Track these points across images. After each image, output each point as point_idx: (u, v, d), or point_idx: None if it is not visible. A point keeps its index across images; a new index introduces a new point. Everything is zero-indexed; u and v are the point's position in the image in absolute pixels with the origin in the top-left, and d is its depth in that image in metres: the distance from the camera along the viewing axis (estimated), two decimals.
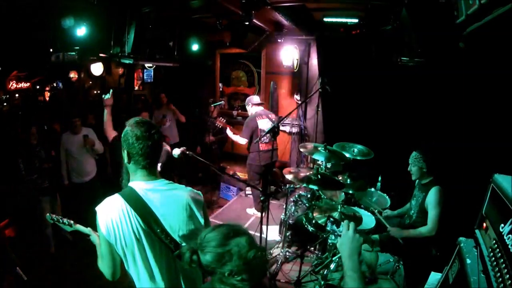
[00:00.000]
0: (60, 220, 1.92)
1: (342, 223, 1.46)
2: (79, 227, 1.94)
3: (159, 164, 1.61)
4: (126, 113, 4.76)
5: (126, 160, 1.48)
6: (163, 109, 5.47)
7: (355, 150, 3.50)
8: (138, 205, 1.43)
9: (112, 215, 1.41)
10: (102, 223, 1.41)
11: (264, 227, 3.38)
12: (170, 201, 1.48)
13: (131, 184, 1.49)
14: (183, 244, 1.47)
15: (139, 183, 1.48)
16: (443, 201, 2.74)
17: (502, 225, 1.27)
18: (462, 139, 3.43)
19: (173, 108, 5.48)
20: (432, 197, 2.75)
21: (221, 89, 6.80)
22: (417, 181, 3.04)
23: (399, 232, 2.86)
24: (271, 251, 3.69)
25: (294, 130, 5.80)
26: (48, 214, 1.97)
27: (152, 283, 1.51)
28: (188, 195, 1.52)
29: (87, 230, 1.89)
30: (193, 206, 1.51)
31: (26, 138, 3.51)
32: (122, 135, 1.48)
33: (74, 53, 3.85)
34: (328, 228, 1.62)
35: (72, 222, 1.91)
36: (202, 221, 1.53)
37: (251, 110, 4.53)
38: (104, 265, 1.49)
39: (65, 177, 3.95)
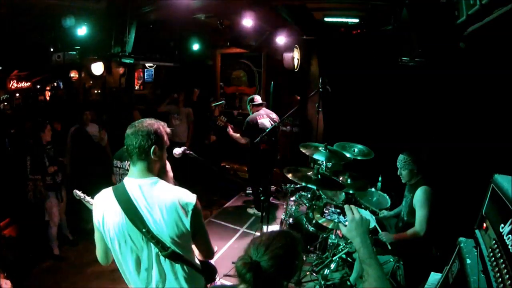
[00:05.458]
0: (85, 198, 1.98)
1: (345, 208, 1.36)
2: None
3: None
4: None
5: None
6: (177, 107, 5.45)
7: (356, 150, 3.50)
8: (124, 200, 1.42)
9: (101, 207, 1.47)
10: (94, 213, 1.50)
11: (264, 227, 3.40)
12: (155, 201, 1.42)
13: (125, 180, 1.49)
14: (172, 246, 1.44)
15: (131, 180, 1.47)
16: (432, 201, 2.64)
17: (502, 225, 1.27)
18: (462, 139, 3.43)
19: (189, 110, 5.49)
20: (419, 197, 2.67)
21: (221, 89, 6.80)
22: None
23: (388, 236, 2.79)
24: None
25: (295, 129, 5.79)
26: (74, 190, 2.00)
27: (136, 279, 1.51)
28: (178, 199, 1.43)
29: None
30: (179, 211, 1.42)
31: (38, 135, 3.49)
32: None
33: (74, 52, 3.87)
34: (335, 219, 1.46)
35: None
36: (188, 227, 1.44)
37: (252, 109, 4.53)
38: (97, 251, 1.59)
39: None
